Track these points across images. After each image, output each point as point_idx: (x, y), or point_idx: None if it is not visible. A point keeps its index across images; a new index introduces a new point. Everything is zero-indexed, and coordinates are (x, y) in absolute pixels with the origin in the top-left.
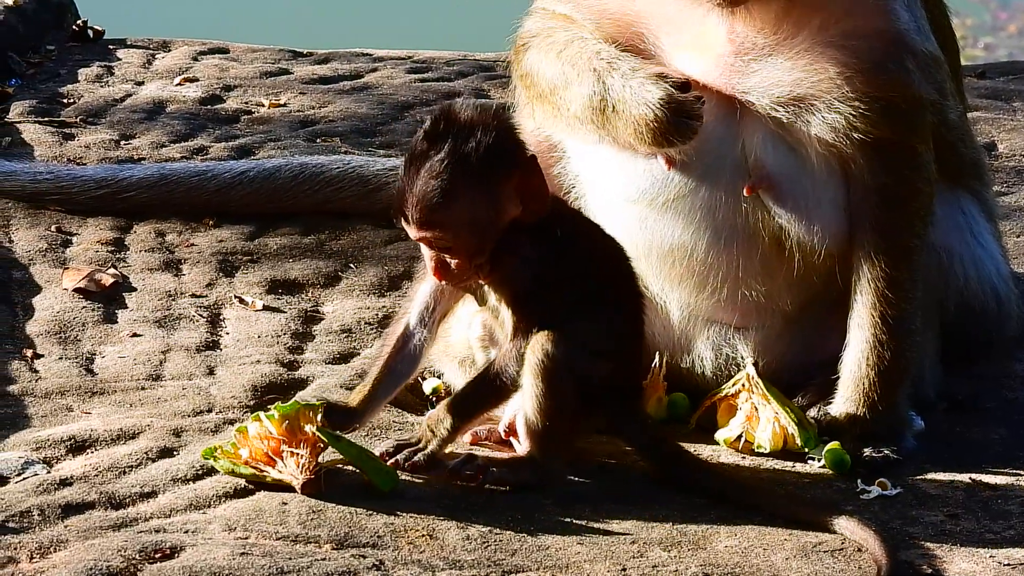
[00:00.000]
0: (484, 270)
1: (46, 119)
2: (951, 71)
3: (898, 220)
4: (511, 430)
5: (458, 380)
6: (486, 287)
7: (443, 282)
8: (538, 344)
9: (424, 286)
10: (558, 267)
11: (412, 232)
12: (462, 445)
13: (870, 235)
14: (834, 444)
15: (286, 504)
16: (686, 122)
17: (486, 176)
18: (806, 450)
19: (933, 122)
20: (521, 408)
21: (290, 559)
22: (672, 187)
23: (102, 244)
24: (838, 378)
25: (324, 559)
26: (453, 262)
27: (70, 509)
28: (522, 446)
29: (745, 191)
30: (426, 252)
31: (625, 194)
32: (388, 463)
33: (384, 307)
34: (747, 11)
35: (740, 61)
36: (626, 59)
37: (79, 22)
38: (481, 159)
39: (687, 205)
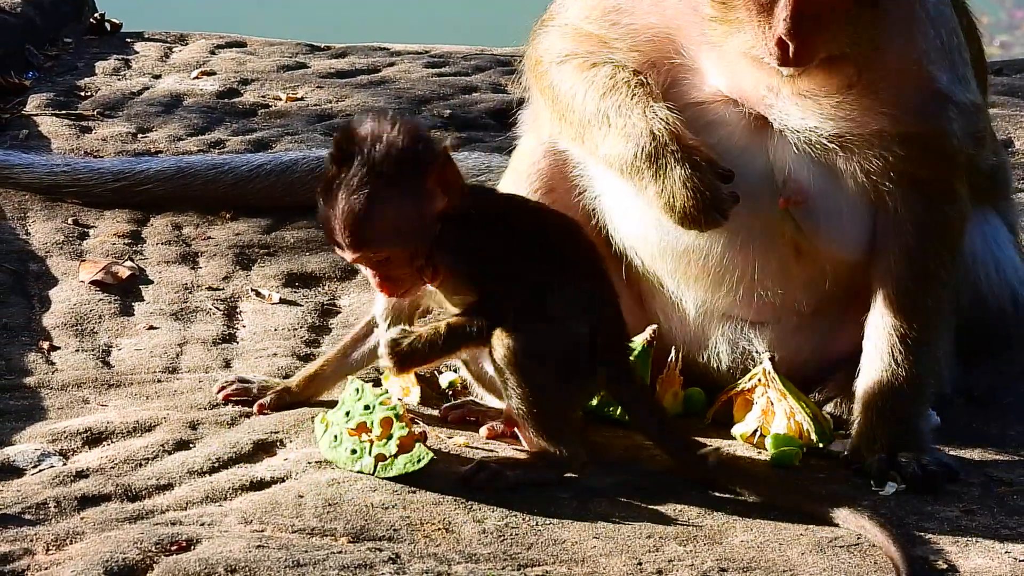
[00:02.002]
0: (427, 273)
1: (63, 112)
2: (977, 67)
3: (929, 249)
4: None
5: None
6: (436, 291)
7: (392, 296)
8: (498, 340)
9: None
10: (501, 250)
11: (348, 256)
12: (479, 439)
13: (899, 261)
14: (784, 446)
15: (302, 497)
16: (716, 216)
17: (403, 180)
18: (821, 445)
19: (973, 164)
20: (510, 409)
21: (306, 552)
22: None
23: (119, 237)
24: (855, 374)
25: (340, 552)
26: (396, 273)
27: (86, 501)
28: (530, 444)
29: (780, 204)
30: (367, 272)
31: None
32: None
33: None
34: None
35: (775, 95)
36: (679, 126)
37: (97, 15)
38: (394, 166)
39: None
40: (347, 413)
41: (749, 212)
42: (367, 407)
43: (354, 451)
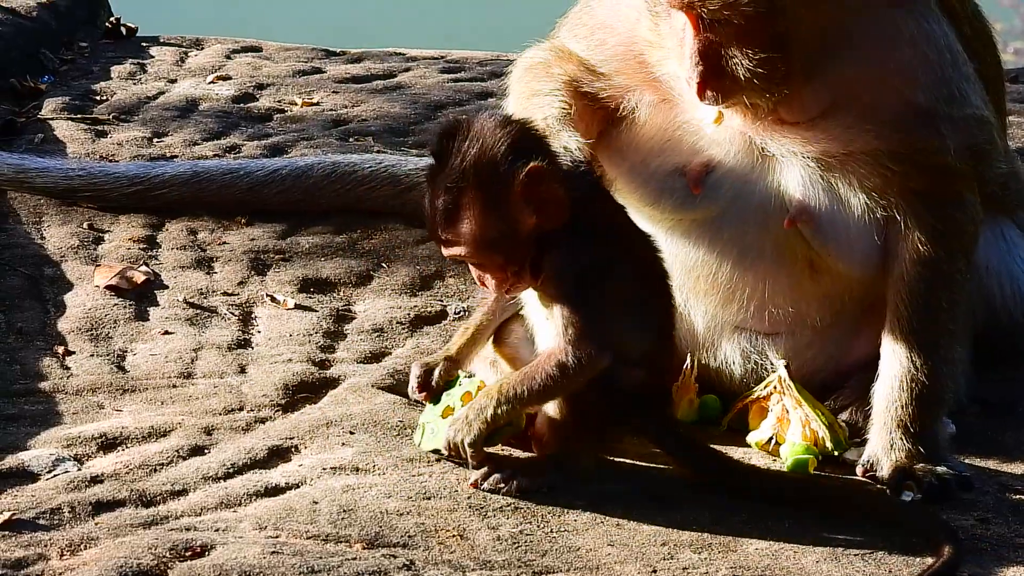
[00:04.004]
0: (525, 278)
1: (79, 116)
2: (993, 83)
3: (941, 253)
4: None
5: (488, 380)
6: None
7: (489, 292)
8: (570, 347)
9: None
10: (596, 271)
11: (442, 251)
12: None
13: (912, 267)
14: (800, 454)
15: (317, 503)
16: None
17: (488, 190)
18: (836, 453)
19: (975, 173)
20: (547, 408)
21: (320, 558)
22: (699, 209)
23: (134, 241)
24: (871, 381)
25: (355, 558)
26: (490, 274)
27: (101, 506)
28: (546, 446)
29: (784, 224)
30: (470, 266)
31: (652, 207)
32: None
33: (415, 307)
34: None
35: (772, 120)
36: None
37: (112, 19)
38: (480, 174)
39: (713, 227)
40: (437, 402)
41: (757, 231)
42: (451, 387)
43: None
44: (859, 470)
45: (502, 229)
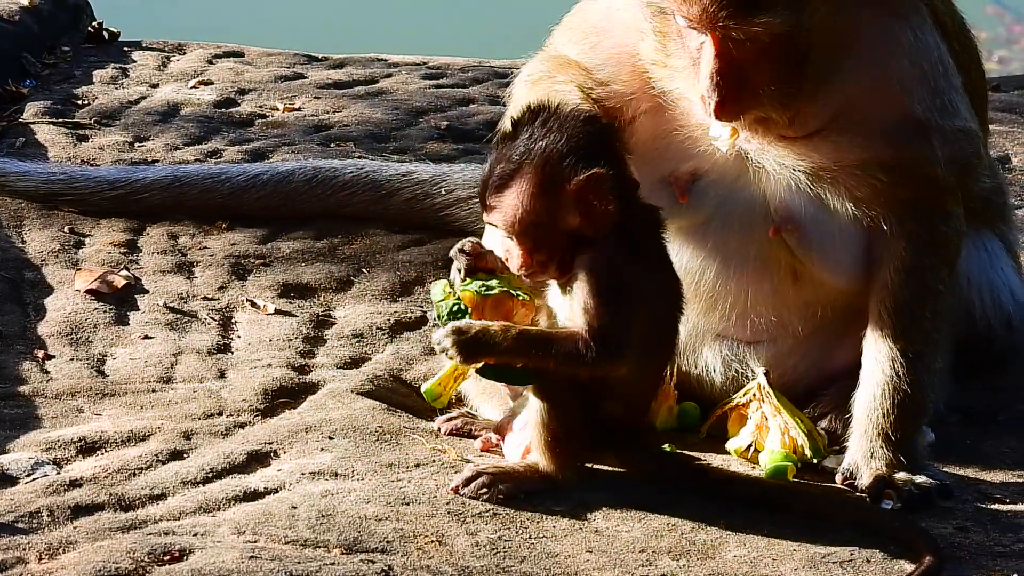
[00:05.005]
0: (550, 270)
1: (60, 120)
2: (978, 97)
3: (925, 263)
4: (502, 435)
5: (469, 386)
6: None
7: (510, 266)
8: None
9: None
10: (626, 283)
11: (483, 215)
12: (473, 452)
13: (896, 276)
14: (779, 461)
15: (295, 508)
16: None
17: (544, 178)
18: (815, 461)
19: (961, 186)
20: (530, 415)
21: (299, 563)
22: (685, 218)
23: (115, 246)
24: (851, 389)
25: (333, 563)
26: (516, 252)
27: (79, 510)
28: (530, 454)
29: (770, 233)
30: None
31: None
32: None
33: (395, 312)
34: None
35: (763, 131)
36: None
37: (94, 24)
38: (544, 159)
39: (697, 235)
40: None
41: (742, 239)
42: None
43: None
44: (838, 478)
45: (544, 219)
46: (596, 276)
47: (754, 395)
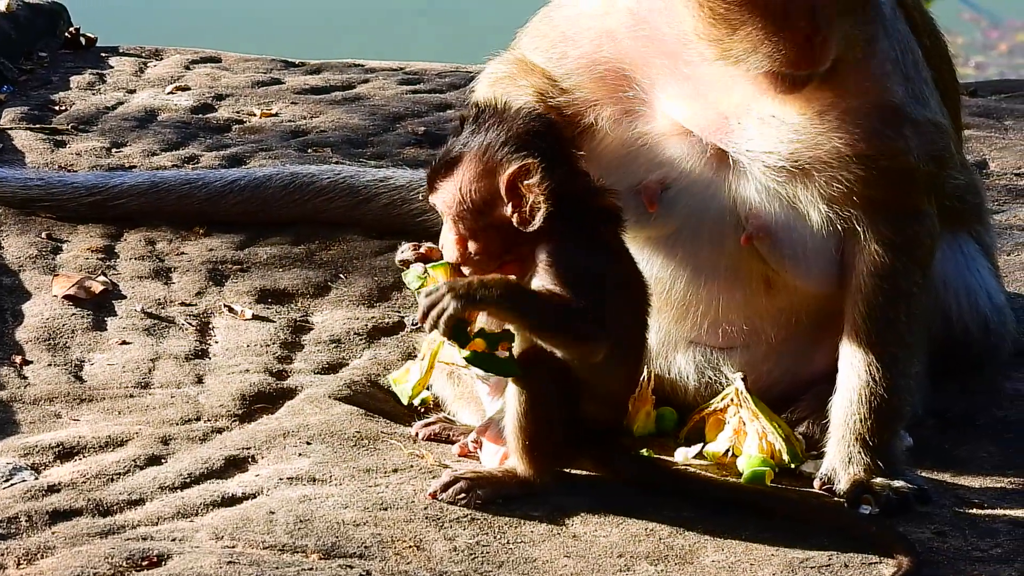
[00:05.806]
0: (484, 263)
1: (37, 126)
2: (950, 97)
3: (899, 267)
4: (479, 442)
5: (446, 391)
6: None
7: (449, 256)
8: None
9: None
10: (590, 273)
11: (429, 195)
12: (451, 457)
13: (869, 280)
14: (756, 466)
15: (273, 513)
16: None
17: (479, 166)
18: (792, 466)
19: (936, 183)
20: (507, 419)
21: (277, 568)
22: (654, 227)
23: (92, 251)
24: (828, 394)
25: (311, 569)
26: (451, 238)
27: (57, 516)
28: (507, 460)
29: (742, 241)
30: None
31: None
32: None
33: (373, 318)
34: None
35: (737, 121)
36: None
37: (72, 29)
38: (482, 149)
39: (668, 245)
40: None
41: (713, 249)
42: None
43: None
44: (816, 483)
45: (477, 207)
46: (557, 264)
47: (731, 400)
